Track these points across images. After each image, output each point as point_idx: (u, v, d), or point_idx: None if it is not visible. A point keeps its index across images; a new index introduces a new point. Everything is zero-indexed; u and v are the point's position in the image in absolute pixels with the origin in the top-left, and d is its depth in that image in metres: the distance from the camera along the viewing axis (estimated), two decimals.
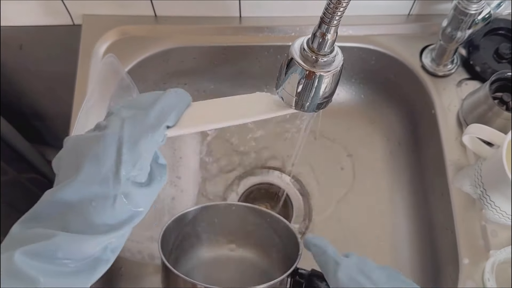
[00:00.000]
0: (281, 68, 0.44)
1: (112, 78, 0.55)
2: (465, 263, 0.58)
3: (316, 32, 0.39)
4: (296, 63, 0.41)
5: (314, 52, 0.40)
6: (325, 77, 0.41)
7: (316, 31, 0.40)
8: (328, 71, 0.41)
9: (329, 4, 0.37)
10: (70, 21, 0.73)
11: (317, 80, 0.41)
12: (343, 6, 0.36)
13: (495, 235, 0.59)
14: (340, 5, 0.36)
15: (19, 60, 0.84)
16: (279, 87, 0.44)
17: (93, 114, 0.50)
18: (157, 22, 0.72)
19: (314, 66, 0.40)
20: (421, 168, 0.72)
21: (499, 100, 0.62)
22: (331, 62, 0.41)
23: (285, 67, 0.43)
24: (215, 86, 0.79)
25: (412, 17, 0.73)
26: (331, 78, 0.41)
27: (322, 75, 0.41)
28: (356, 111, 0.79)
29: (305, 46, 0.41)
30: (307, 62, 0.40)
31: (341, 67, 0.42)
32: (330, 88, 0.43)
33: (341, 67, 0.42)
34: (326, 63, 0.41)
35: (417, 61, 0.70)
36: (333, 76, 0.41)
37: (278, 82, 0.44)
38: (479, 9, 0.59)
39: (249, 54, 0.74)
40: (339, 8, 0.37)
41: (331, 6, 0.37)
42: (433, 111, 0.67)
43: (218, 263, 0.59)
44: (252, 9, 0.71)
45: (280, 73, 0.44)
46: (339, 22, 0.38)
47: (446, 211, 0.62)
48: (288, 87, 0.43)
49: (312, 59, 0.40)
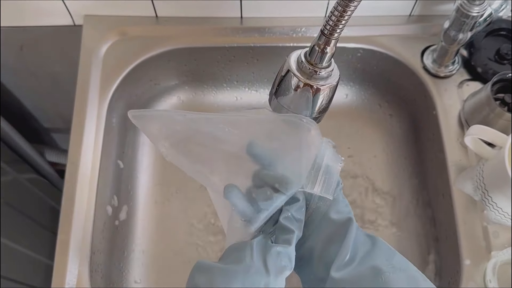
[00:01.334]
0: (276, 80, 0.43)
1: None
2: (467, 264, 0.58)
3: (315, 44, 0.39)
4: (293, 76, 0.40)
5: (312, 65, 0.39)
6: (322, 91, 0.40)
7: (315, 43, 0.39)
8: (325, 84, 0.40)
9: (330, 16, 0.36)
10: (71, 21, 0.73)
11: (314, 94, 0.40)
12: (345, 19, 0.36)
13: (497, 236, 0.59)
14: (342, 18, 0.35)
15: (19, 61, 0.84)
16: (274, 99, 0.43)
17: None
18: (158, 23, 0.72)
19: (311, 79, 0.40)
20: (423, 169, 0.72)
21: (501, 102, 0.62)
22: (328, 76, 0.40)
23: (281, 79, 0.42)
24: (216, 87, 0.79)
25: (413, 18, 0.73)
26: (328, 91, 0.41)
27: (319, 89, 0.40)
28: (357, 112, 0.79)
29: (303, 58, 0.40)
30: (304, 75, 0.40)
31: (337, 82, 0.41)
32: (326, 102, 0.42)
33: (338, 81, 0.41)
34: (323, 76, 0.40)
35: (419, 62, 0.70)
36: (330, 89, 0.41)
37: (272, 94, 0.44)
38: (481, 11, 0.59)
39: (250, 55, 0.73)
40: (341, 21, 0.36)
41: (333, 19, 0.36)
42: (434, 112, 0.67)
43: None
44: (253, 10, 0.71)
45: (274, 85, 0.43)
46: (340, 35, 0.37)
47: (447, 212, 0.62)
48: (283, 99, 0.42)
49: (309, 71, 0.40)
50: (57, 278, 0.57)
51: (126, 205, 0.70)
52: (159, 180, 0.74)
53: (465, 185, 0.61)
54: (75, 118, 0.65)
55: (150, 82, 0.75)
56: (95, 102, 0.66)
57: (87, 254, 0.59)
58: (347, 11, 0.35)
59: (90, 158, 0.63)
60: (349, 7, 0.35)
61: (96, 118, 0.66)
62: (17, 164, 0.97)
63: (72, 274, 0.57)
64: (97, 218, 0.61)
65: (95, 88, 0.67)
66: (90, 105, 0.66)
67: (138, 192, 0.73)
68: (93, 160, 0.63)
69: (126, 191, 0.72)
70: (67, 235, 0.59)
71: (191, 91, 0.79)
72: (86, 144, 0.64)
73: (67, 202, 0.60)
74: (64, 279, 0.57)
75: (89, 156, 0.63)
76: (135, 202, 0.72)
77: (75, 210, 0.60)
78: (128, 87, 0.71)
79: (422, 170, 0.72)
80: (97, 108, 0.66)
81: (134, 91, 0.73)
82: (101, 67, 0.69)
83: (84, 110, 0.65)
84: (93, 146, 0.64)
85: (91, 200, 0.61)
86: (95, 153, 0.64)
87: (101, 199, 0.63)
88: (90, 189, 0.62)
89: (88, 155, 0.63)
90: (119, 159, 0.71)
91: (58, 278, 0.57)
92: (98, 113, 0.66)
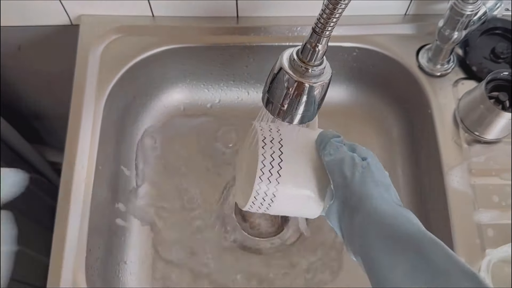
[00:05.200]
0: (268, 78, 0.43)
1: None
2: None
3: (307, 42, 0.39)
4: (285, 73, 0.40)
5: (304, 62, 0.40)
6: (315, 88, 0.41)
7: (307, 41, 0.39)
8: (317, 82, 0.40)
9: (321, 14, 0.36)
10: (68, 21, 0.73)
11: (307, 91, 0.41)
12: (336, 17, 0.36)
13: (491, 234, 0.59)
14: (333, 16, 0.36)
15: (18, 61, 0.84)
16: (266, 97, 0.44)
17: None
18: (155, 22, 0.72)
19: (304, 77, 0.40)
20: (418, 167, 0.72)
21: (495, 100, 0.62)
22: (321, 73, 0.41)
23: (273, 77, 0.42)
24: (213, 86, 0.80)
25: (408, 17, 0.73)
26: (320, 89, 0.41)
27: (312, 86, 0.40)
28: (352, 111, 0.79)
29: (295, 56, 0.40)
30: (297, 73, 0.40)
31: (330, 79, 0.41)
32: (318, 100, 0.42)
33: (330, 79, 0.41)
34: (316, 74, 0.40)
35: (414, 61, 0.70)
36: (322, 87, 0.41)
37: (265, 92, 0.44)
38: (475, 9, 0.59)
39: (246, 54, 0.74)
40: (332, 18, 0.36)
41: (324, 17, 0.36)
42: (429, 111, 0.67)
43: None
44: (249, 9, 0.71)
45: (267, 83, 0.43)
46: (331, 33, 0.38)
47: (442, 210, 0.63)
48: (276, 97, 0.42)
49: (301, 69, 0.40)
50: (52, 276, 0.57)
51: (122, 204, 0.71)
52: (157, 178, 0.75)
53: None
54: (71, 117, 0.65)
55: (147, 81, 0.75)
56: (91, 102, 0.67)
57: (83, 253, 0.59)
58: (338, 9, 0.36)
59: (86, 157, 0.63)
60: (339, 5, 0.35)
61: (92, 117, 0.66)
62: (17, 164, 0.98)
63: (68, 273, 0.57)
64: (93, 217, 0.62)
65: (91, 88, 0.68)
66: (86, 105, 0.66)
67: (135, 190, 0.73)
68: (89, 159, 0.63)
69: (122, 189, 0.72)
70: (63, 233, 0.59)
71: (188, 90, 0.79)
72: (82, 142, 0.64)
73: (63, 200, 0.60)
74: (60, 278, 0.57)
75: (85, 154, 0.64)
76: (132, 201, 0.72)
77: (71, 208, 0.60)
78: (124, 87, 0.71)
79: (417, 168, 0.72)
80: (94, 108, 0.66)
81: (130, 91, 0.74)
82: (98, 67, 0.69)
83: (81, 109, 0.66)
84: (90, 144, 0.64)
85: (87, 199, 0.61)
86: (91, 152, 0.64)
87: (97, 198, 0.64)
88: (86, 187, 0.62)
89: (84, 153, 0.64)
90: (115, 158, 0.71)
91: (53, 277, 0.57)
92: (95, 113, 0.66)
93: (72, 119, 0.65)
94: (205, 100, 0.80)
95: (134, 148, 0.76)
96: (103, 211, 0.66)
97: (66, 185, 0.61)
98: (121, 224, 0.70)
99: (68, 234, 0.59)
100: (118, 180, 0.71)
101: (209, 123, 0.78)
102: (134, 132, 0.76)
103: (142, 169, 0.75)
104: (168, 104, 0.79)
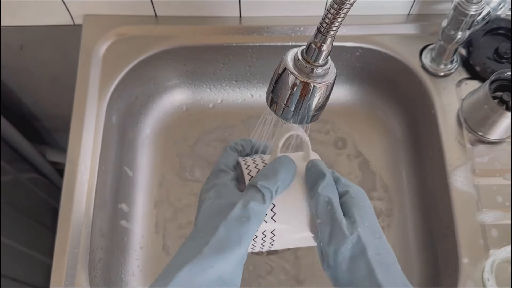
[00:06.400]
0: (273, 78, 0.43)
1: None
2: (465, 263, 0.58)
3: (312, 42, 0.39)
4: (290, 73, 0.40)
5: (309, 62, 0.39)
6: (320, 88, 0.40)
7: (312, 41, 0.39)
8: (322, 82, 0.40)
9: (327, 14, 0.36)
10: (70, 21, 0.73)
11: (312, 91, 0.40)
12: (341, 17, 0.36)
13: (495, 234, 0.59)
14: (338, 16, 0.36)
15: (19, 61, 0.84)
16: (270, 97, 0.44)
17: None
18: (158, 22, 0.72)
19: (308, 77, 0.40)
20: (421, 167, 0.72)
21: (499, 100, 0.62)
22: (325, 73, 0.40)
23: (278, 77, 0.42)
24: (215, 86, 0.80)
25: (412, 17, 0.73)
26: (325, 89, 0.41)
27: (316, 86, 0.40)
28: (355, 111, 0.79)
29: (300, 56, 0.40)
30: (302, 73, 0.40)
31: (335, 79, 0.41)
32: (323, 100, 0.42)
33: (334, 79, 0.41)
34: (320, 74, 0.40)
35: (417, 61, 0.70)
36: (327, 87, 0.41)
37: (269, 92, 0.44)
38: (479, 9, 0.59)
39: (249, 54, 0.74)
40: (337, 18, 0.36)
41: (329, 17, 0.36)
42: (433, 111, 0.67)
43: None
44: (252, 9, 0.71)
45: (271, 83, 0.43)
46: (336, 32, 0.38)
47: (446, 210, 0.63)
48: (280, 97, 0.42)
49: (306, 69, 0.40)
50: (55, 277, 0.57)
51: (125, 204, 0.71)
52: (159, 179, 0.75)
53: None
54: (74, 118, 0.65)
55: (149, 81, 0.75)
56: (94, 102, 0.67)
57: (86, 253, 0.59)
58: (343, 9, 0.35)
59: (89, 157, 0.63)
60: (345, 5, 0.35)
61: (95, 117, 0.66)
62: (17, 163, 0.98)
63: (70, 273, 0.57)
64: (96, 217, 0.62)
65: (94, 88, 0.67)
66: (89, 105, 0.66)
67: (138, 191, 0.73)
68: (92, 159, 0.63)
69: (125, 190, 0.72)
70: (65, 234, 0.59)
71: (190, 91, 0.79)
72: (85, 143, 0.64)
73: (66, 201, 0.60)
74: (63, 278, 0.57)
75: (88, 155, 0.63)
76: (135, 201, 0.72)
77: (73, 209, 0.60)
78: (127, 87, 0.71)
79: (421, 168, 0.72)
80: (97, 108, 0.66)
81: (133, 91, 0.73)
82: (100, 67, 0.69)
83: (83, 109, 0.66)
84: (92, 145, 0.64)
85: (90, 199, 0.61)
86: (94, 152, 0.64)
87: (100, 198, 0.63)
88: (89, 188, 0.62)
89: (87, 154, 0.63)
90: (118, 158, 0.71)
91: (56, 277, 0.57)
92: (98, 113, 0.66)
93: (74, 119, 0.65)
94: (208, 100, 0.80)
95: (137, 148, 0.76)
96: (106, 212, 0.66)
97: (69, 186, 0.61)
98: (124, 225, 0.70)
99: (70, 234, 0.59)
100: (121, 181, 0.71)
101: (212, 124, 0.78)
102: (137, 132, 0.76)
103: (145, 169, 0.75)
104: (170, 104, 0.79)
